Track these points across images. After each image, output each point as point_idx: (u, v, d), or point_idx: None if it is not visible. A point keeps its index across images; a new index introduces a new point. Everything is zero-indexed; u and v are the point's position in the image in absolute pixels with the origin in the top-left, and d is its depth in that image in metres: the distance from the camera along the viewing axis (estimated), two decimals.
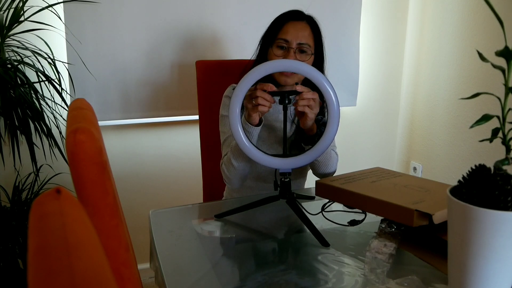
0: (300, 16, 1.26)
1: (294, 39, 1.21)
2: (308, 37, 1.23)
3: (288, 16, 1.25)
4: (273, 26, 1.26)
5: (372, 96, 2.35)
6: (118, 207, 0.68)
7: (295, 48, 1.21)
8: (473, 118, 2.00)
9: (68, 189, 0.40)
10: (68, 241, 0.35)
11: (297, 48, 1.21)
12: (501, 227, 0.58)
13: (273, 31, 1.25)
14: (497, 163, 0.61)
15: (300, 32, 1.22)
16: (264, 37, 1.29)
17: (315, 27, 1.27)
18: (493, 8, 0.59)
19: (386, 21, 2.27)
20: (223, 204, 1.18)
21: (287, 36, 1.21)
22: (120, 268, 0.65)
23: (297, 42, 1.21)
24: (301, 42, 1.21)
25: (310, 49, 1.23)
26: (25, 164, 1.62)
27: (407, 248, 0.89)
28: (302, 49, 1.22)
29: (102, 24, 1.71)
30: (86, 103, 0.86)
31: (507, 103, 0.61)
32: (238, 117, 0.96)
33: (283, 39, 1.21)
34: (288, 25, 1.23)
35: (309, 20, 1.27)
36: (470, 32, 1.98)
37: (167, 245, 0.94)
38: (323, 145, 0.95)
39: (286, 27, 1.23)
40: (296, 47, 1.21)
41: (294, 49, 1.21)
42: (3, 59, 1.40)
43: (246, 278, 0.79)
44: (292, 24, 1.23)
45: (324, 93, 0.92)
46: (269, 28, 1.27)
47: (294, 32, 1.21)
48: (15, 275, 1.49)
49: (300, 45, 1.21)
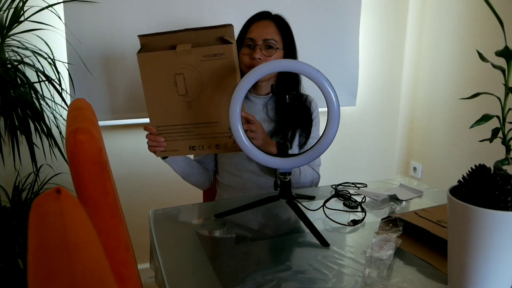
0: (266, 15, 1.33)
1: (259, 36, 1.27)
2: (273, 33, 1.28)
3: (254, 18, 1.33)
4: (242, 29, 1.33)
5: (372, 96, 2.35)
6: (118, 207, 0.68)
7: (261, 44, 1.27)
8: (473, 118, 2.00)
9: (68, 189, 0.40)
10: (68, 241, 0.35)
11: (263, 45, 1.27)
12: (501, 227, 0.58)
13: (242, 33, 1.32)
14: (497, 163, 0.61)
15: (265, 29, 1.28)
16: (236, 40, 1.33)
17: (281, 23, 1.31)
18: (493, 8, 0.59)
19: (386, 21, 2.27)
20: (223, 204, 1.18)
21: (252, 35, 1.28)
22: (120, 268, 0.65)
23: (262, 39, 1.27)
24: (266, 38, 1.27)
25: (276, 44, 1.28)
26: (25, 164, 1.62)
27: (407, 248, 0.89)
28: (268, 44, 1.27)
29: (102, 24, 1.71)
30: (86, 103, 0.86)
31: (507, 103, 0.61)
32: (238, 117, 0.96)
33: (249, 38, 1.28)
34: (254, 25, 1.30)
35: (275, 18, 1.32)
36: (470, 32, 1.98)
37: (167, 245, 0.94)
38: (323, 145, 0.95)
39: (252, 27, 1.30)
40: (261, 43, 1.27)
41: (260, 46, 1.26)
42: (3, 59, 1.40)
43: (246, 278, 0.79)
44: (257, 24, 1.30)
45: (324, 93, 0.92)
46: (239, 31, 1.33)
47: (258, 30, 1.28)
48: (15, 275, 1.49)
49: (266, 41, 1.27)
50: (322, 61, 2.11)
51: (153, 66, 1.04)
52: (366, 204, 1.15)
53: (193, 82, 1.05)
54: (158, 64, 1.04)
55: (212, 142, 1.12)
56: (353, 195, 1.21)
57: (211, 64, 1.03)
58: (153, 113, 1.10)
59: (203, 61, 1.02)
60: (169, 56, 1.02)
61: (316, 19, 2.06)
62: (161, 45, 1.04)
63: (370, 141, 2.42)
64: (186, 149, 1.13)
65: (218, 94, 1.06)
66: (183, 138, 1.12)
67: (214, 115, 1.08)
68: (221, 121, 1.09)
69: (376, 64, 2.31)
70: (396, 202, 1.17)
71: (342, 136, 2.29)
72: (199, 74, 1.04)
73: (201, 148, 1.13)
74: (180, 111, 1.08)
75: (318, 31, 2.07)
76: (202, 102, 1.07)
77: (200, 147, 1.12)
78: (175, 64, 1.03)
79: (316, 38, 2.08)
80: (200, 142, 1.12)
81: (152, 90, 1.07)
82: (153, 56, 1.03)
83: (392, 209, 1.12)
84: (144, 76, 1.05)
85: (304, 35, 2.04)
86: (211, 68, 1.03)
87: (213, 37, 1.03)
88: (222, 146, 1.12)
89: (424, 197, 1.22)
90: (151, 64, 1.04)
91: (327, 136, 0.94)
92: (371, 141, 2.42)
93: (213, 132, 1.10)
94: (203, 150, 1.13)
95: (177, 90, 1.06)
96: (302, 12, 2.02)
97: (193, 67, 1.03)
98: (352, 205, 1.14)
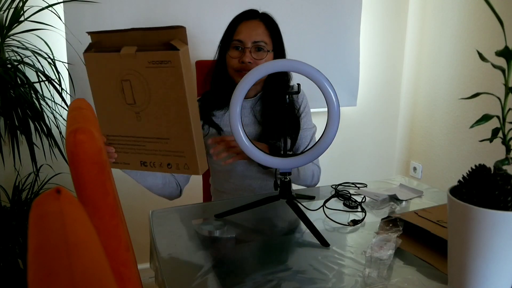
0: (253, 14, 1.25)
1: (248, 38, 1.20)
2: (263, 34, 1.22)
3: (241, 17, 1.25)
4: (228, 29, 1.25)
5: (372, 96, 2.35)
6: (118, 207, 0.68)
7: (251, 47, 1.20)
8: (473, 118, 2.00)
9: (68, 189, 0.40)
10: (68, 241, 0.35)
11: (252, 47, 1.21)
12: (501, 227, 0.58)
13: (229, 34, 1.24)
14: (497, 163, 0.61)
15: (254, 30, 1.21)
16: (222, 41, 1.28)
17: (270, 23, 1.25)
18: (493, 8, 0.59)
19: (386, 21, 2.27)
20: (223, 204, 1.18)
21: (240, 37, 1.21)
22: (120, 268, 0.65)
23: (252, 41, 1.20)
24: (256, 41, 1.20)
25: (266, 46, 1.22)
26: (25, 164, 1.62)
27: (407, 248, 0.89)
28: (258, 47, 1.21)
29: (102, 24, 1.71)
30: (86, 103, 0.85)
31: (507, 103, 0.61)
32: (239, 117, 0.96)
33: (238, 40, 1.21)
34: (242, 25, 1.22)
35: (263, 17, 1.25)
36: (470, 32, 1.98)
37: (167, 245, 0.94)
38: (324, 145, 0.95)
39: (240, 27, 1.22)
40: (251, 46, 1.20)
41: (250, 49, 1.20)
42: (3, 59, 1.40)
43: (246, 278, 0.79)
44: (245, 24, 1.22)
45: (324, 93, 0.92)
46: (226, 30, 1.26)
47: (247, 31, 1.21)
48: (15, 275, 1.49)
49: (256, 43, 1.21)
50: (322, 61, 2.11)
51: (99, 68, 0.92)
52: (366, 204, 1.15)
53: (140, 91, 0.92)
54: (104, 67, 0.92)
55: (164, 160, 0.98)
56: (353, 195, 1.21)
57: (158, 72, 0.88)
58: (103, 120, 0.97)
59: (149, 68, 0.89)
60: (113, 59, 0.90)
61: (317, 19, 2.06)
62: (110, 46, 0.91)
63: (370, 141, 2.42)
64: (137, 164, 1.01)
65: (166, 107, 0.92)
66: (134, 152, 0.99)
67: (164, 131, 0.95)
68: (172, 138, 0.95)
69: (376, 64, 2.31)
70: (396, 202, 1.17)
71: (342, 136, 2.29)
72: (146, 82, 0.90)
73: (153, 165, 1.00)
74: (129, 121, 0.96)
75: (319, 31, 2.07)
76: (151, 114, 0.93)
77: (152, 164, 1.00)
78: (120, 69, 0.91)
79: (316, 38, 2.08)
80: (151, 159, 0.99)
81: (100, 94, 0.95)
82: (99, 57, 0.91)
83: (392, 209, 1.12)
84: (91, 79, 0.94)
85: (305, 35, 2.05)
86: (158, 77, 0.89)
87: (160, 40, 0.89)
88: (174, 166, 0.98)
89: (424, 197, 1.22)
90: (97, 66, 0.92)
91: (327, 136, 0.94)
92: (371, 141, 2.42)
93: (164, 149, 0.97)
94: (155, 167, 1.00)
95: (124, 98, 0.93)
96: (302, 12, 2.02)
97: (139, 73, 0.90)
98: (352, 205, 1.14)
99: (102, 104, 0.96)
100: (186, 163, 0.97)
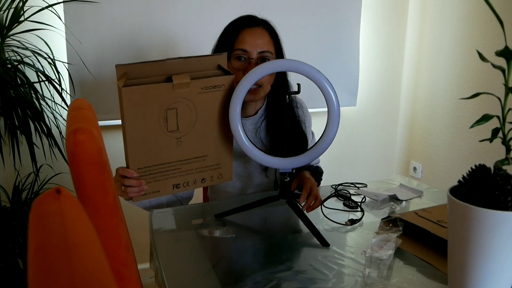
0: (255, 21, 1.15)
1: (254, 48, 1.10)
2: (268, 43, 1.12)
3: (242, 23, 1.13)
4: (228, 35, 1.13)
5: (372, 96, 2.35)
6: (118, 207, 0.68)
7: (256, 58, 1.10)
8: (473, 118, 2.00)
9: (68, 189, 0.40)
10: (68, 241, 0.35)
11: (258, 58, 1.11)
12: (501, 227, 0.58)
13: (229, 42, 1.12)
14: (497, 163, 0.61)
15: (259, 39, 1.11)
16: (219, 48, 1.17)
17: (272, 31, 1.16)
18: (493, 8, 0.59)
19: (386, 21, 2.27)
20: (223, 204, 1.18)
21: (245, 46, 1.10)
22: (120, 268, 0.65)
23: (258, 51, 1.10)
24: (262, 50, 1.11)
25: (272, 56, 1.13)
26: (25, 164, 1.62)
27: (407, 248, 0.89)
28: (263, 57, 1.11)
29: (102, 24, 1.71)
30: (86, 103, 0.85)
31: (507, 103, 0.61)
32: (239, 116, 0.96)
33: (241, 49, 1.10)
34: (244, 33, 1.11)
35: (265, 24, 1.16)
36: (470, 32, 1.98)
37: (167, 245, 0.94)
38: (323, 145, 0.95)
39: (242, 35, 1.11)
40: (257, 57, 1.10)
41: (256, 60, 1.10)
42: (3, 59, 1.40)
43: (246, 278, 0.79)
44: (248, 32, 1.11)
45: (324, 93, 0.92)
46: (222, 38, 1.16)
47: (252, 40, 1.10)
48: (15, 275, 1.49)
49: (261, 54, 1.11)
50: (322, 61, 2.11)
51: (141, 101, 0.88)
52: (366, 204, 1.15)
53: (186, 116, 0.93)
54: (148, 98, 0.88)
55: (198, 177, 1.01)
56: (353, 195, 1.21)
57: (208, 96, 0.92)
58: (134, 154, 0.93)
59: (201, 94, 0.92)
60: (163, 89, 0.88)
61: (316, 19, 2.06)
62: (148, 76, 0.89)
63: (370, 141, 2.42)
64: (169, 189, 0.99)
65: (211, 127, 0.96)
66: (167, 177, 0.98)
67: (205, 149, 0.98)
68: (211, 154, 1.00)
69: (376, 64, 2.31)
70: (396, 202, 1.17)
71: (342, 136, 2.29)
72: (194, 107, 0.93)
73: (186, 185, 1.01)
74: (168, 148, 0.95)
75: (318, 31, 2.07)
76: (193, 137, 0.96)
77: (185, 184, 1.01)
78: (169, 98, 0.89)
79: (316, 38, 2.08)
80: (186, 179, 1.00)
81: (136, 128, 0.90)
82: (144, 89, 0.86)
83: (392, 209, 1.12)
84: (128, 113, 0.88)
85: (305, 35, 2.04)
86: (207, 101, 0.93)
87: (210, 67, 0.92)
88: (208, 179, 1.02)
89: (424, 197, 1.22)
90: (139, 98, 0.87)
91: (327, 136, 0.94)
92: (371, 141, 2.42)
93: (201, 167, 1.00)
94: (188, 186, 1.01)
95: (167, 127, 0.92)
96: (302, 12, 2.02)
97: (188, 100, 0.92)
98: (352, 205, 1.14)
99: (138, 136, 0.92)
100: (221, 173, 1.02)
